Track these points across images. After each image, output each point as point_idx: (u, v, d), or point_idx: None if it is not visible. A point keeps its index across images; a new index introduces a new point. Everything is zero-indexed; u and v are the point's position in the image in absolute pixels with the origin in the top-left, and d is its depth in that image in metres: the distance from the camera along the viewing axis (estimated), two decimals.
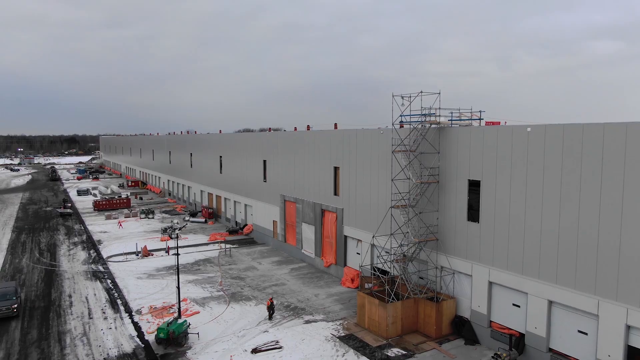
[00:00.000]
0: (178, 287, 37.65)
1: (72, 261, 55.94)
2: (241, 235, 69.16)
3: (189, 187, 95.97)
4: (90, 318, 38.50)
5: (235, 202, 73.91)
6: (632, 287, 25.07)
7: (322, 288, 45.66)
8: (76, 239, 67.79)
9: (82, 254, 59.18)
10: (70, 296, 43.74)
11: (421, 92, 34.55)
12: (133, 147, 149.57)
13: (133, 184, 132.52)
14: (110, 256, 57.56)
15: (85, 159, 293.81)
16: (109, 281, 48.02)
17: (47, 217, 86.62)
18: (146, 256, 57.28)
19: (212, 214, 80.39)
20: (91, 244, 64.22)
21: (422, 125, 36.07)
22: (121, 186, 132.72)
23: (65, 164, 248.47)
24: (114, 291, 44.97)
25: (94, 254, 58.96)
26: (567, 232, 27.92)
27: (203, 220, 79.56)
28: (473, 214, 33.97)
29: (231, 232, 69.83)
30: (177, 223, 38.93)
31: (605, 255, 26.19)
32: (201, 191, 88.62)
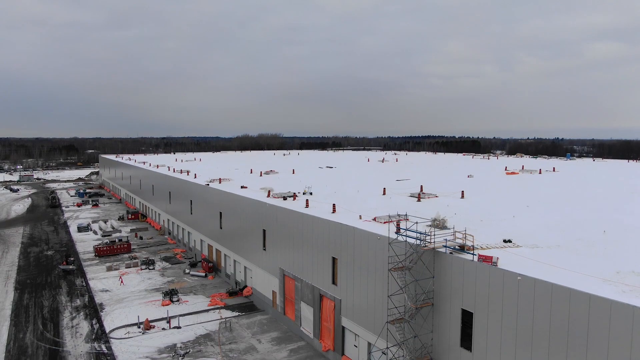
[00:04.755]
0: None
1: (75, 336, 57.11)
2: (241, 297, 70.37)
3: (189, 232, 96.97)
4: None
5: (235, 261, 75.04)
6: None
7: None
8: (78, 302, 68.95)
9: (84, 325, 60.38)
10: None
11: (417, 222, 35.84)
12: (133, 177, 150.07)
13: (133, 216, 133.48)
14: (113, 330, 58.74)
15: (84, 172, 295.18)
16: None
17: (48, 266, 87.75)
18: (148, 330, 58.50)
19: (212, 268, 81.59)
20: (93, 310, 65.39)
21: (417, 247, 37.32)
22: (121, 218, 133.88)
23: (65, 180, 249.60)
24: None
25: (96, 326, 60.17)
26: None
27: (203, 274, 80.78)
28: (466, 341, 35.21)
29: (231, 293, 71.02)
30: (181, 348, 40.05)
31: None
32: (201, 240, 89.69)
